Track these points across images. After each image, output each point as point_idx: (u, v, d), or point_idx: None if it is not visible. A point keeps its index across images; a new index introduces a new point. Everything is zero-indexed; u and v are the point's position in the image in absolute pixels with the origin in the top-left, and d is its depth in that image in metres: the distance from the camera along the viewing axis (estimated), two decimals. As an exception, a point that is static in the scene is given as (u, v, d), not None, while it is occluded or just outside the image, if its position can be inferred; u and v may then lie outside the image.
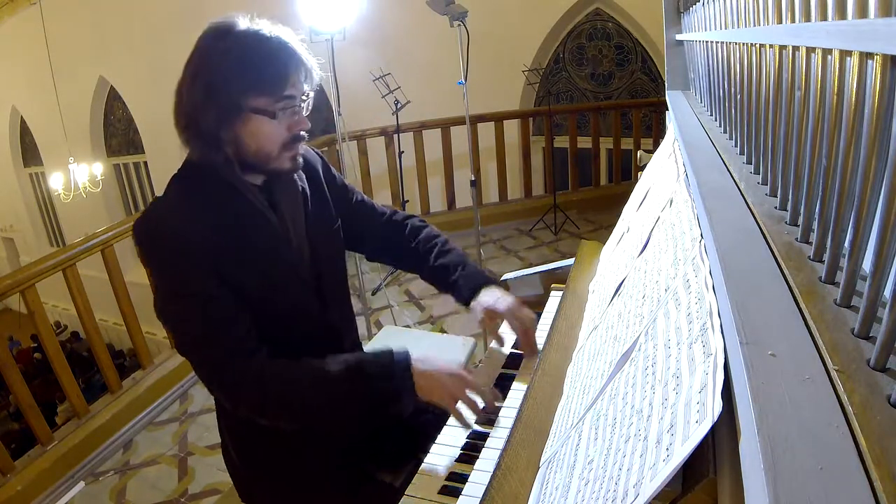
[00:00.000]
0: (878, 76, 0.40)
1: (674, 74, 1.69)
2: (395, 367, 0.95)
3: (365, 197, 1.27)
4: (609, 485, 0.52)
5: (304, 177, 1.10)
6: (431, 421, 1.19)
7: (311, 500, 1.07)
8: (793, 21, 0.60)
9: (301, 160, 1.01)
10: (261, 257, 0.98)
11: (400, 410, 0.95)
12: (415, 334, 1.84)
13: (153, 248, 0.94)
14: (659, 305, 0.68)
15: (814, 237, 0.56)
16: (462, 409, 0.94)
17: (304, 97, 0.97)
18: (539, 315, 1.26)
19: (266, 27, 0.94)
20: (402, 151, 3.71)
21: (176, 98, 0.94)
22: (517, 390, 1.07)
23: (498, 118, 4.37)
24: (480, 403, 0.95)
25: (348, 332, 1.16)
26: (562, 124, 5.00)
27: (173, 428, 2.58)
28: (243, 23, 0.93)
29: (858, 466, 0.35)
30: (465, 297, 1.18)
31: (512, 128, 4.52)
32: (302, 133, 0.99)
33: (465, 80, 2.90)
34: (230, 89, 0.90)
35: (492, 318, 1.14)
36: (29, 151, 9.16)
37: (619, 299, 0.87)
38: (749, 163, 0.85)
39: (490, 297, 1.16)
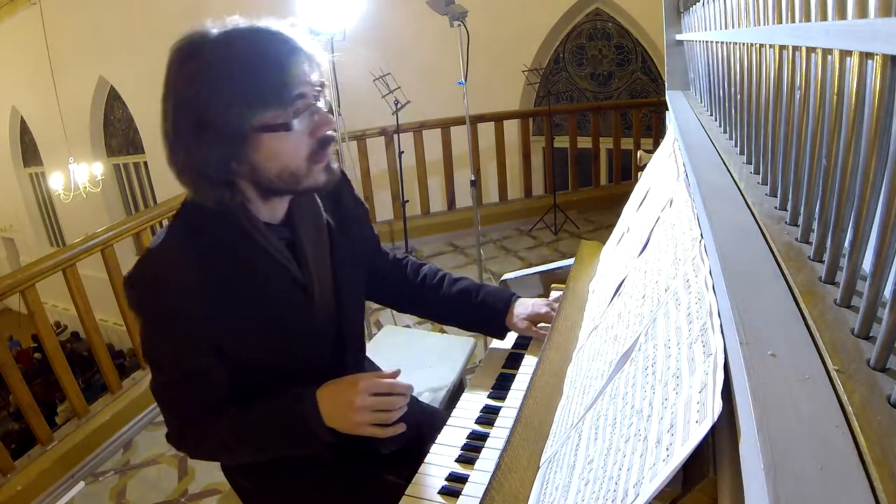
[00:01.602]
0: (878, 76, 0.40)
1: (674, 74, 1.69)
2: (303, 416, 0.87)
3: (375, 229, 1.15)
4: (609, 485, 0.52)
5: (328, 201, 0.96)
6: (431, 421, 1.19)
7: (312, 500, 1.07)
8: (793, 21, 0.60)
9: (338, 167, 0.85)
10: (276, 315, 0.88)
11: (319, 440, 0.88)
12: (415, 334, 1.84)
13: (143, 305, 0.83)
14: (659, 305, 0.68)
15: (814, 237, 0.56)
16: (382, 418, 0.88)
17: (317, 89, 0.79)
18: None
19: (242, 23, 0.76)
20: (402, 151, 3.72)
21: (164, 141, 0.78)
22: (521, 381, 1.08)
23: (498, 118, 4.37)
24: (396, 406, 0.88)
25: (357, 370, 1.06)
26: (562, 124, 5.00)
27: (173, 428, 2.58)
28: (214, 28, 0.75)
29: (858, 466, 0.35)
30: (500, 310, 1.16)
31: (512, 128, 4.52)
32: (329, 134, 0.81)
33: (465, 80, 2.89)
34: (226, 115, 0.73)
35: (535, 323, 1.16)
36: (29, 151, 9.16)
37: (619, 299, 0.87)
38: (749, 163, 0.85)
39: (524, 308, 1.16)
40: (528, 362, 1.16)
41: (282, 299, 0.88)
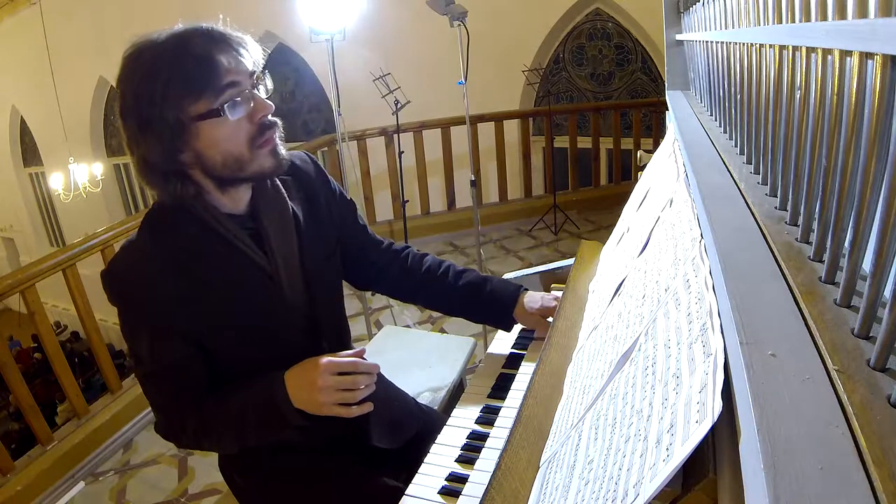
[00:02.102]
0: (878, 76, 0.40)
1: (674, 74, 1.69)
2: (273, 398, 0.89)
3: (361, 217, 1.17)
4: (609, 485, 0.52)
5: (296, 193, 0.99)
6: (431, 422, 1.19)
7: (309, 500, 1.07)
8: (793, 21, 0.60)
9: (283, 152, 0.88)
10: (243, 303, 0.90)
11: (290, 424, 0.90)
12: (415, 334, 1.84)
13: (118, 298, 0.87)
14: (659, 305, 0.68)
15: (814, 237, 0.56)
16: (347, 396, 0.88)
17: (252, 78, 0.83)
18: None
19: (180, 26, 0.82)
20: (402, 151, 3.72)
21: (128, 153, 0.84)
22: (521, 381, 1.08)
23: (498, 118, 4.37)
24: (360, 385, 0.89)
25: None
26: (562, 124, 5.00)
27: (173, 428, 2.58)
28: (153, 35, 0.81)
29: (858, 466, 0.35)
30: (508, 303, 1.16)
31: (512, 128, 4.52)
32: (269, 119, 0.85)
33: (465, 80, 2.90)
34: (163, 109, 0.78)
35: (544, 317, 1.15)
36: (29, 151, 9.16)
37: (619, 299, 0.87)
38: (749, 163, 0.85)
39: (533, 302, 1.16)
40: (528, 363, 1.16)
41: (248, 287, 0.91)
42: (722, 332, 0.52)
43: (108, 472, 2.36)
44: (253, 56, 0.84)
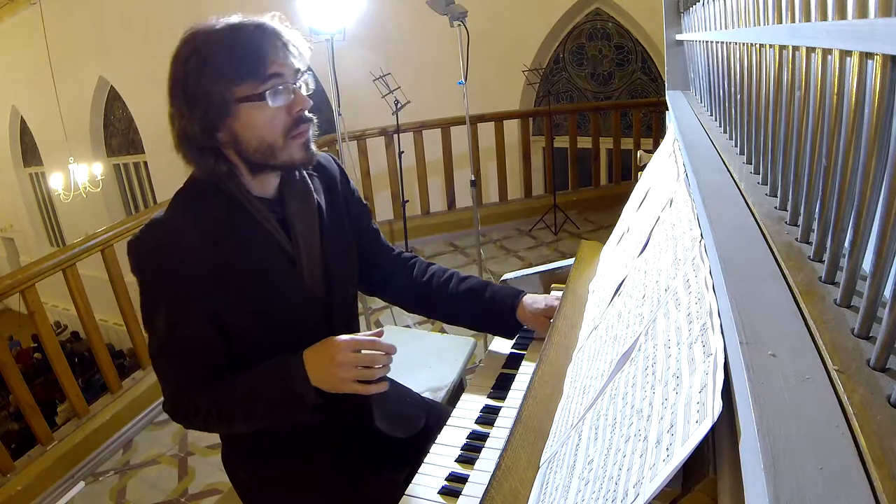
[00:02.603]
0: (878, 76, 0.40)
1: (674, 74, 1.69)
2: (289, 377, 0.91)
3: (374, 223, 1.20)
4: (609, 485, 0.52)
5: (320, 188, 1.02)
6: (437, 414, 1.19)
7: (311, 500, 1.07)
8: (793, 21, 0.60)
9: (314, 148, 0.92)
10: (264, 282, 0.92)
11: (307, 405, 0.91)
12: (415, 334, 1.84)
13: (142, 267, 0.89)
14: (659, 305, 0.68)
15: (814, 237, 0.56)
16: (367, 374, 0.91)
17: (297, 74, 0.88)
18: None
19: (236, 18, 0.86)
20: (402, 151, 3.72)
21: (171, 127, 0.88)
22: (521, 381, 1.08)
23: (498, 118, 4.37)
24: (378, 364, 0.91)
25: None
26: (562, 124, 5.00)
27: (173, 428, 2.58)
28: (210, 22, 0.86)
29: (858, 466, 0.35)
30: (510, 305, 1.16)
31: (512, 128, 4.52)
32: (306, 114, 0.89)
33: (465, 80, 2.89)
34: (209, 87, 0.83)
35: (548, 317, 1.15)
36: (29, 151, 9.16)
37: (619, 299, 0.87)
38: (749, 163, 0.85)
39: (538, 303, 1.16)
40: (528, 363, 1.16)
41: (270, 269, 0.93)
42: (722, 332, 0.52)
43: (108, 472, 2.36)
44: (301, 54, 0.88)
